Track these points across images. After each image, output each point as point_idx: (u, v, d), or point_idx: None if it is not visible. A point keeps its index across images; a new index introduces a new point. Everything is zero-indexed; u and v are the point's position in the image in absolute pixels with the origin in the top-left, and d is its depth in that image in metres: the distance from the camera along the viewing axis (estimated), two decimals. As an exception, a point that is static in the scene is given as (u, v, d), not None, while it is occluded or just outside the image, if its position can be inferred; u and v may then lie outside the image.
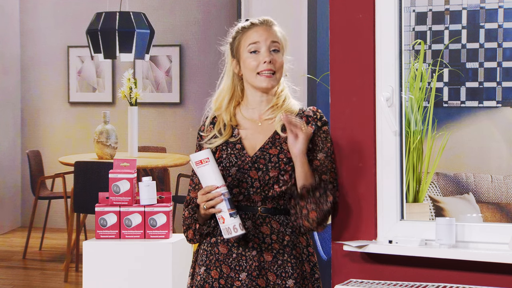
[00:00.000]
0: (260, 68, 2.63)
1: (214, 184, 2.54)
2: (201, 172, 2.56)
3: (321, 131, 2.68)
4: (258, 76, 2.64)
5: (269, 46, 2.64)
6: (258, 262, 2.61)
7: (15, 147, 9.06)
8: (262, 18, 2.69)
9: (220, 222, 2.57)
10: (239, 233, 2.55)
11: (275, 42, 2.65)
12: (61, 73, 9.04)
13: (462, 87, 5.91)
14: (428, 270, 2.68)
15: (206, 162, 2.54)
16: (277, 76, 2.66)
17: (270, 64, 2.63)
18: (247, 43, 2.65)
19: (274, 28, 2.68)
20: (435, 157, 3.90)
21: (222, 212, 2.55)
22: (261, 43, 2.64)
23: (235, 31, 2.71)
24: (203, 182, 2.57)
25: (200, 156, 2.55)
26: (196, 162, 2.56)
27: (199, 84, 8.53)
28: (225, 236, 2.57)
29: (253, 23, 2.68)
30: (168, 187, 7.58)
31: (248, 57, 2.65)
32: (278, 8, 5.56)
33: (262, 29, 2.66)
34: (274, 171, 2.61)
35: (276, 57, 2.65)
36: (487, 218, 5.45)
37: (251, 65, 2.64)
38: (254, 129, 2.69)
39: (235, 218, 2.55)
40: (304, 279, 2.65)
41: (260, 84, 2.64)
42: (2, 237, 8.57)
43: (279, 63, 2.65)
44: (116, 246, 3.46)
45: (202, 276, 2.66)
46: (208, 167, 2.55)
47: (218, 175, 2.55)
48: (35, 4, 9.04)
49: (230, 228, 2.55)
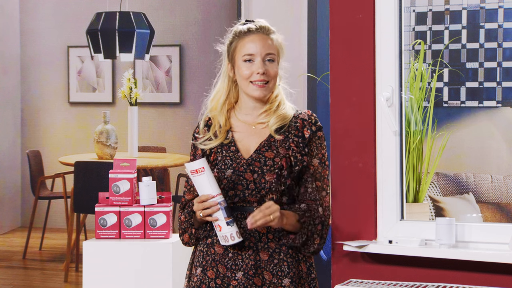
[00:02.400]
0: (253, 78, 2.63)
1: (209, 193, 2.54)
2: (197, 181, 2.56)
3: (316, 136, 2.68)
4: (250, 84, 2.64)
5: (263, 57, 2.64)
6: (254, 261, 2.61)
7: (15, 147, 9.06)
8: (259, 25, 2.67)
9: (216, 230, 2.57)
10: (236, 241, 2.55)
11: (270, 54, 2.64)
12: (61, 73, 9.04)
13: (462, 87, 5.91)
14: (428, 270, 2.68)
15: (201, 171, 2.54)
16: (270, 86, 2.66)
17: (263, 75, 2.62)
18: (243, 52, 2.64)
19: (270, 36, 2.66)
20: (435, 157, 3.89)
21: (219, 221, 2.55)
22: (255, 55, 2.63)
23: (232, 34, 2.70)
24: (199, 191, 2.56)
25: (195, 165, 2.54)
26: (191, 171, 2.55)
27: (199, 84, 8.53)
28: (222, 243, 2.58)
29: (250, 29, 2.66)
30: (168, 187, 7.58)
31: (242, 65, 2.64)
32: (278, 8, 5.56)
33: (258, 39, 2.64)
34: (270, 175, 2.61)
35: (270, 67, 2.64)
36: (487, 218, 5.45)
37: (245, 73, 2.64)
38: (248, 132, 2.69)
39: (232, 226, 2.55)
40: (301, 278, 2.65)
41: (252, 93, 2.65)
42: (2, 237, 8.57)
43: (273, 73, 2.65)
44: (116, 246, 3.46)
45: (199, 277, 2.66)
46: (204, 176, 2.54)
47: (214, 184, 2.55)
48: (35, 4, 9.03)
49: (227, 237, 2.55)
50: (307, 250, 2.64)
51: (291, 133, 2.66)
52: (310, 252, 2.65)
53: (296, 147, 2.64)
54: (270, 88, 2.66)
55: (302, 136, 2.66)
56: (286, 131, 2.67)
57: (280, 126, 2.66)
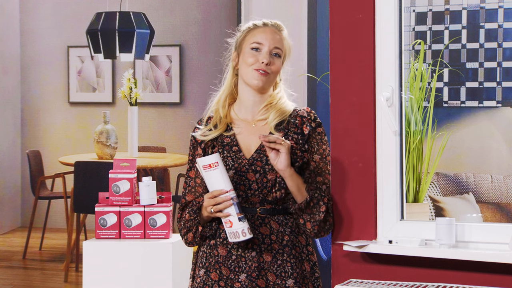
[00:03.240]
0: (256, 66, 2.64)
1: (223, 188, 2.53)
2: (209, 176, 2.54)
3: (316, 132, 2.69)
4: (252, 72, 2.65)
5: (271, 50, 2.66)
6: (258, 262, 2.61)
7: (15, 147, 9.06)
8: (274, 21, 2.72)
9: (226, 226, 2.55)
10: (247, 237, 2.54)
11: (278, 48, 2.67)
12: (61, 73, 9.04)
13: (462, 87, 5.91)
14: (428, 270, 2.68)
15: (215, 166, 2.52)
16: (270, 79, 2.67)
17: (266, 66, 2.64)
18: (252, 40, 2.67)
19: (282, 34, 2.70)
20: (435, 157, 3.89)
21: (231, 217, 2.53)
22: (264, 44, 2.66)
23: (246, 26, 2.73)
24: (211, 186, 2.55)
25: (209, 160, 2.52)
26: (204, 166, 2.53)
27: (199, 84, 8.53)
28: (231, 240, 2.55)
29: (265, 23, 2.71)
30: (168, 187, 7.58)
31: (249, 52, 2.66)
32: (278, 8, 5.56)
33: (270, 31, 2.68)
34: (272, 174, 2.62)
35: (275, 61, 2.66)
36: (487, 218, 5.45)
37: (249, 60, 2.65)
38: (248, 130, 2.69)
39: (244, 222, 2.54)
40: (304, 278, 2.66)
41: (252, 80, 2.65)
42: (2, 237, 8.57)
43: (276, 68, 2.67)
44: (116, 246, 3.46)
45: (202, 278, 2.66)
46: (218, 171, 2.52)
47: (227, 179, 2.54)
48: (35, 4, 9.04)
49: (239, 232, 2.53)
50: (313, 219, 2.61)
51: (290, 130, 2.67)
52: (317, 222, 2.61)
53: (295, 144, 2.65)
54: (270, 81, 2.67)
55: (302, 133, 2.66)
56: (286, 128, 2.67)
57: (279, 122, 2.67)
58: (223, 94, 2.74)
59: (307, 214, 2.61)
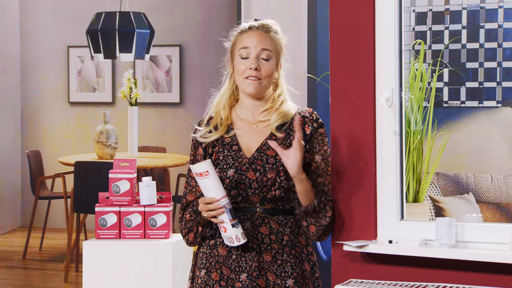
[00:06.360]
0: (246, 74, 2.64)
1: (214, 196, 2.54)
2: (201, 183, 2.56)
3: (318, 133, 2.69)
4: (245, 80, 2.65)
5: (258, 54, 2.65)
6: (258, 262, 2.61)
7: (15, 147, 9.06)
8: (261, 22, 2.69)
9: (221, 231, 2.58)
10: (241, 242, 2.56)
11: (266, 50, 2.65)
12: (61, 73, 9.04)
13: (462, 87, 5.91)
14: (428, 270, 2.68)
15: (206, 175, 2.53)
16: (263, 84, 2.66)
17: (255, 71, 2.63)
18: (240, 46, 2.67)
19: (270, 34, 2.67)
20: (435, 157, 3.89)
21: (224, 223, 2.56)
22: (251, 49, 2.65)
23: (234, 32, 2.72)
24: (204, 192, 2.57)
25: (199, 169, 2.53)
26: (195, 174, 2.55)
27: (199, 84, 8.53)
28: (227, 243, 2.59)
29: (251, 26, 2.69)
30: (168, 187, 7.58)
31: (238, 61, 2.66)
32: (278, 8, 5.56)
33: (256, 35, 2.66)
34: (272, 173, 2.62)
35: (264, 65, 2.65)
36: (487, 218, 5.45)
37: (240, 69, 2.65)
38: (249, 131, 2.69)
39: (237, 228, 2.56)
40: (304, 278, 2.66)
41: (245, 88, 2.66)
42: (2, 237, 8.57)
43: (266, 71, 2.65)
44: (116, 246, 3.46)
45: (203, 279, 2.66)
46: (208, 179, 2.54)
47: (219, 186, 2.55)
48: (35, 4, 9.03)
49: (233, 238, 2.56)
50: (318, 223, 2.62)
51: (292, 131, 2.67)
52: (322, 226, 2.62)
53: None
54: (263, 86, 2.66)
55: (303, 133, 2.66)
56: (288, 128, 2.67)
57: (281, 124, 2.67)
58: (224, 96, 2.74)
59: (312, 218, 2.62)
